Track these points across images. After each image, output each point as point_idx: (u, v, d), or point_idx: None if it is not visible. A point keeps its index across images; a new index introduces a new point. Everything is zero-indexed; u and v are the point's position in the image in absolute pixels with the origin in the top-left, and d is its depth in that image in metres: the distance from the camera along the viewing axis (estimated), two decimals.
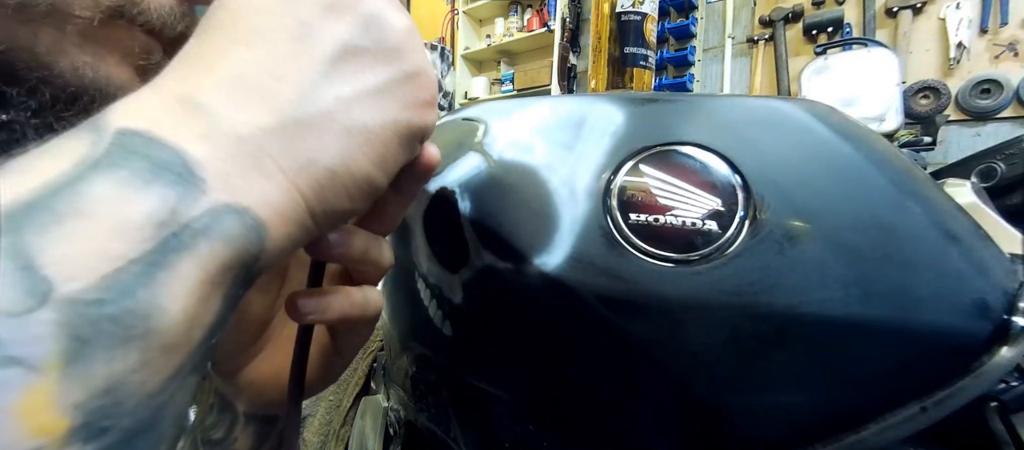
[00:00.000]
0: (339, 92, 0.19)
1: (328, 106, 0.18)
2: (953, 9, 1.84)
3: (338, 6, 0.19)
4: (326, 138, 0.18)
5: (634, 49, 2.04)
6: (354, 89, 0.19)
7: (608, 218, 0.27)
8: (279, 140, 0.17)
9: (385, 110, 0.20)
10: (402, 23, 0.21)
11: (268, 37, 0.18)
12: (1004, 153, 0.70)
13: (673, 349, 0.26)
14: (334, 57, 0.19)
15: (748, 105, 0.30)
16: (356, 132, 0.19)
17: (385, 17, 0.20)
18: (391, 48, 0.20)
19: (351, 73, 0.19)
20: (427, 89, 0.21)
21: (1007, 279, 0.27)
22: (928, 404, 0.25)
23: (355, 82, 0.19)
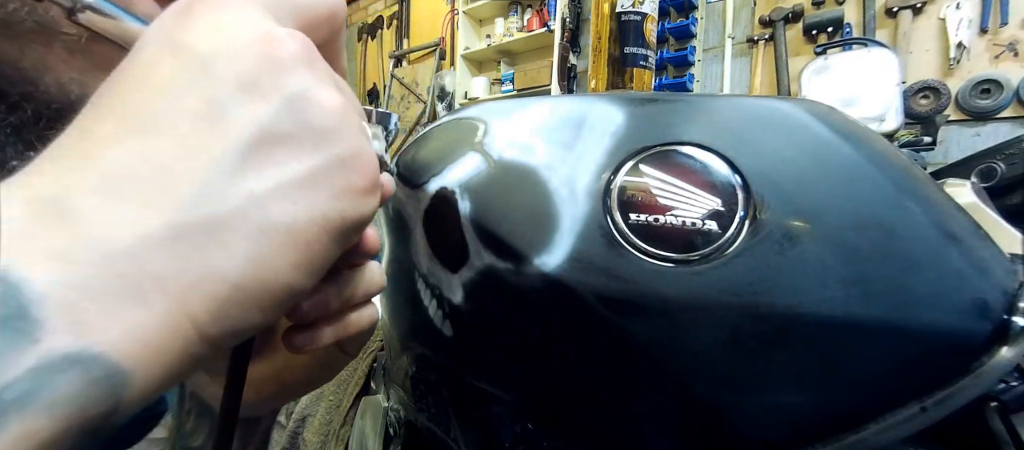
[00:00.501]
0: (253, 187, 0.16)
1: (238, 204, 0.15)
2: (953, 9, 1.83)
3: (256, 85, 0.16)
4: (232, 243, 0.15)
5: (634, 49, 2.04)
6: (272, 182, 0.16)
7: (608, 218, 0.27)
8: (166, 252, 0.14)
9: (312, 204, 0.17)
10: (332, 102, 0.18)
11: (169, 122, 0.15)
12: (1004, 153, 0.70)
13: (673, 349, 0.26)
14: (248, 146, 0.16)
15: (748, 105, 0.30)
16: (272, 233, 0.16)
17: (312, 96, 0.17)
18: (319, 131, 0.17)
19: (269, 164, 0.16)
20: (364, 174, 0.18)
21: (1007, 279, 0.27)
22: (928, 404, 0.25)
23: (274, 174, 0.16)
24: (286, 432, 0.85)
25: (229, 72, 0.16)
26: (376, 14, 3.81)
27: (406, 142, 0.44)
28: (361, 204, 0.18)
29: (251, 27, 0.17)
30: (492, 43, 3.13)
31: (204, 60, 0.16)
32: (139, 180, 0.14)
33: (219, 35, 0.16)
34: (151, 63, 0.16)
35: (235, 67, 0.16)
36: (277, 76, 0.16)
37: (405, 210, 0.37)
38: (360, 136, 0.19)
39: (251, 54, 0.16)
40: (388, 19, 3.75)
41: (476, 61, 3.35)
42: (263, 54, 0.16)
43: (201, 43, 0.16)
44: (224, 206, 0.15)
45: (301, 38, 0.18)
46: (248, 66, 0.16)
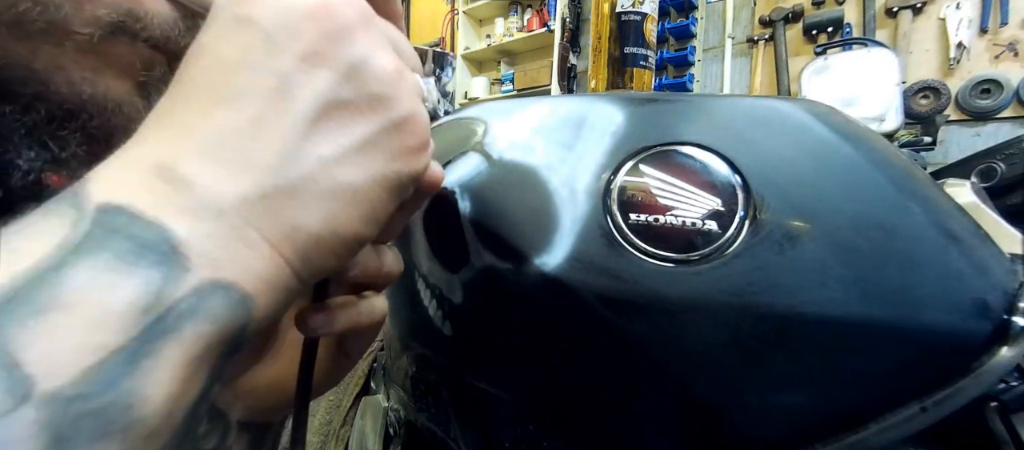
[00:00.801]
0: (321, 152, 0.18)
1: (310, 169, 0.17)
2: (953, 9, 1.84)
3: (317, 55, 0.18)
4: (310, 203, 0.17)
5: (634, 49, 2.04)
6: (337, 147, 0.18)
7: (608, 218, 0.27)
8: (262, 209, 0.17)
9: (372, 165, 0.19)
10: (388, 68, 0.19)
11: (246, 95, 0.17)
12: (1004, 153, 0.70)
13: (673, 349, 0.26)
14: (315, 114, 0.18)
15: (748, 105, 0.30)
16: (341, 193, 0.18)
17: (369, 64, 0.19)
18: (376, 97, 0.19)
19: (334, 130, 0.18)
20: (417, 134, 0.20)
21: (1007, 279, 0.27)
22: (928, 404, 0.25)
23: (338, 139, 0.18)
24: (287, 432, 0.85)
25: (291, 46, 0.17)
26: None
27: None
28: (415, 162, 0.20)
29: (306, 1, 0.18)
30: (492, 43, 3.14)
31: (268, 36, 0.17)
32: (230, 149, 0.16)
33: (279, 7, 0.17)
34: (223, 39, 0.17)
35: (297, 41, 0.17)
36: (335, 46, 0.18)
37: None
38: (413, 98, 0.20)
39: (310, 28, 0.18)
40: None
41: (476, 61, 3.35)
42: (321, 27, 0.18)
43: (264, 19, 0.17)
44: (298, 171, 0.17)
45: (356, 3, 0.19)
46: (308, 39, 0.17)
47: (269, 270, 0.17)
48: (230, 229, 0.16)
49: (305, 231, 0.17)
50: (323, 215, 0.18)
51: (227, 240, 0.16)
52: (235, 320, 0.16)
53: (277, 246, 0.17)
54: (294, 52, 0.17)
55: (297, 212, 0.17)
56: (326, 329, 0.23)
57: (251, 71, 0.17)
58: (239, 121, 0.17)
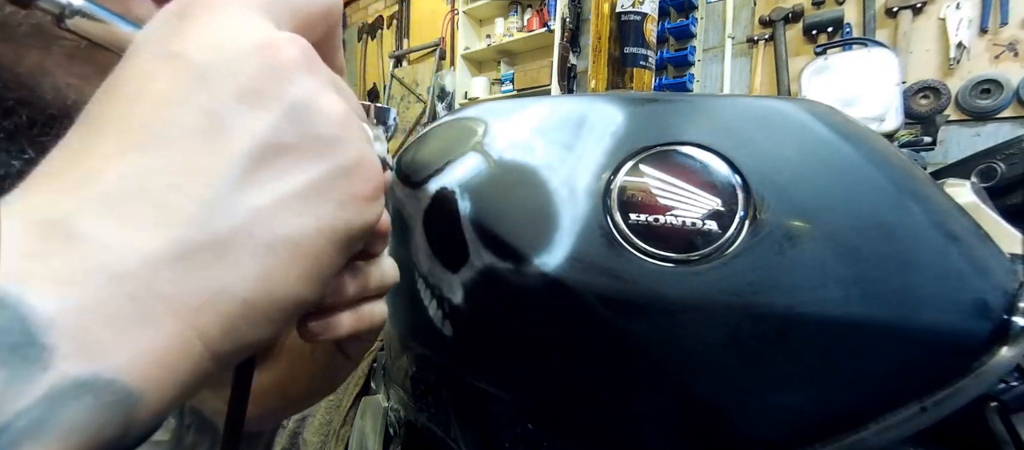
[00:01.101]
0: (257, 201, 0.15)
1: (243, 219, 0.15)
2: (953, 9, 1.83)
3: (257, 94, 0.16)
4: (240, 260, 0.15)
5: (634, 49, 2.04)
6: (277, 194, 0.16)
7: (608, 218, 0.27)
8: (174, 271, 0.14)
9: (316, 214, 0.16)
10: (336, 108, 0.17)
11: (168, 136, 0.14)
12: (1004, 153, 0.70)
13: (673, 349, 0.26)
14: (251, 159, 0.15)
15: (748, 105, 0.30)
16: (279, 247, 0.15)
17: (314, 103, 0.17)
18: (322, 139, 0.17)
19: (273, 176, 0.16)
20: (369, 180, 0.18)
21: (1007, 279, 0.27)
22: (928, 404, 0.25)
23: (278, 186, 0.16)
24: (286, 432, 0.85)
25: (228, 83, 0.15)
26: (376, 14, 3.81)
27: (406, 142, 0.44)
28: (366, 211, 0.18)
29: (249, 33, 0.16)
30: (492, 43, 3.13)
31: (202, 71, 0.15)
32: (142, 199, 0.14)
33: (216, 43, 0.16)
34: (147, 74, 0.15)
35: (234, 77, 0.15)
36: (277, 85, 0.16)
37: (405, 210, 0.37)
38: (363, 141, 0.18)
39: (250, 63, 0.16)
40: (388, 19, 3.75)
41: (476, 61, 3.35)
42: (262, 62, 0.16)
43: (198, 52, 0.15)
44: (229, 223, 0.15)
45: (301, 42, 0.17)
46: (247, 76, 0.16)
47: (170, 353, 0.14)
48: (124, 301, 0.13)
49: (231, 295, 0.15)
50: (255, 274, 0.15)
51: (115, 317, 0.13)
52: (108, 425, 0.13)
53: (189, 318, 0.14)
54: (230, 89, 0.15)
55: (223, 273, 0.14)
56: (327, 335, 0.22)
57: (177, 108, 0.15)
58: (157, 166, 0.14)
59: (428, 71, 3.45)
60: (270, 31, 0.17)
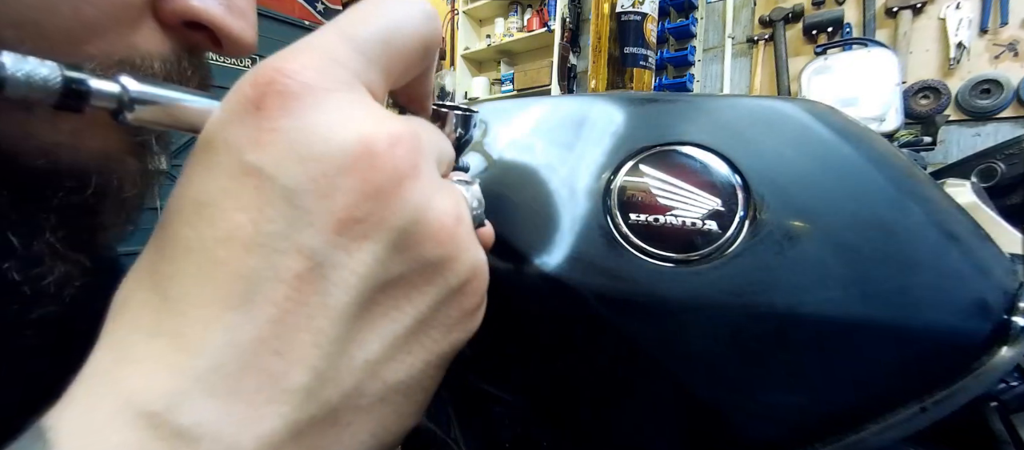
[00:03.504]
0: (366, 354, 0.14)
1: (355, 381, 0.13)
2: (953, 9, 1.84)
3: (358, 223, 0.13)
4: (354, 422, 0.14)
5: (634, 49, 2.04)
6: (385, 341, 0.14)
7: (608, 218, 0.27)
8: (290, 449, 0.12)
9: (426, 347, 0.15)
10: (446, 218, 0.15)
11: (263, 288, 0.12)
12: (1004, 153, 0.70)
13: (673, 349, 0.26)
14: (358, 306, 0.13)
15: (748, 105, 0.30)
16: (391, 396, 0.14)
17: (423, 222, 0.14)
18: (433, 264, 0.15)
19: (381, 320, 0.14)
20: (476, 291, 0.17)
21: (1007, 279, 0.27)
22: (928, 404, 0.25)
23: (386, 330, 0.14)
24: None
25: (323, 213, 0.13)
26: None
27: None
28: (471, 324, 0.17)
29: (342, 133, 0.13)
30: (492, 43, 3.14)
31: (291, 197, 0.13)
32: (246, 372, 0.12)
33: (303, 153, 0.13)
34: (227, 198, 0.13)
35: (329, 204, 0.13)
36: (381, 207, 0.13)
37: None
38: (472, 245, 0.16)
39: (347, 182, 0.13)
40: None
41: (476, 61, 3.35)
42: (361, 180, 0.13)
43: (283, 170, 0.13)
44: (341, 389, 0.13)
45: (407, 138, 0.14)
46: (345, 201, 0.13)
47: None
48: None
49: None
50: (370, 430, 0.14)
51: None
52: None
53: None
54: (326, 221, 0.13)
55: (338, 439, 0.13)
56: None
57: (268, 251, 0.12)
58: (255, 329, 0.12)
59: None
60: (366, 123, 0.14)
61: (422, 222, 0.14)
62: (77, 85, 0.13)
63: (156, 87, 0.15)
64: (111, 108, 0.14)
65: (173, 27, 0.20)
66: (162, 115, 0.15)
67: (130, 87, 0.14)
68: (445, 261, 0.15)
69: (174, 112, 0.15)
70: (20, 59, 0.13)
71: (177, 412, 0.11)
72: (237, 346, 0.12)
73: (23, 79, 0.13)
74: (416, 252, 0.14)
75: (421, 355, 0.15)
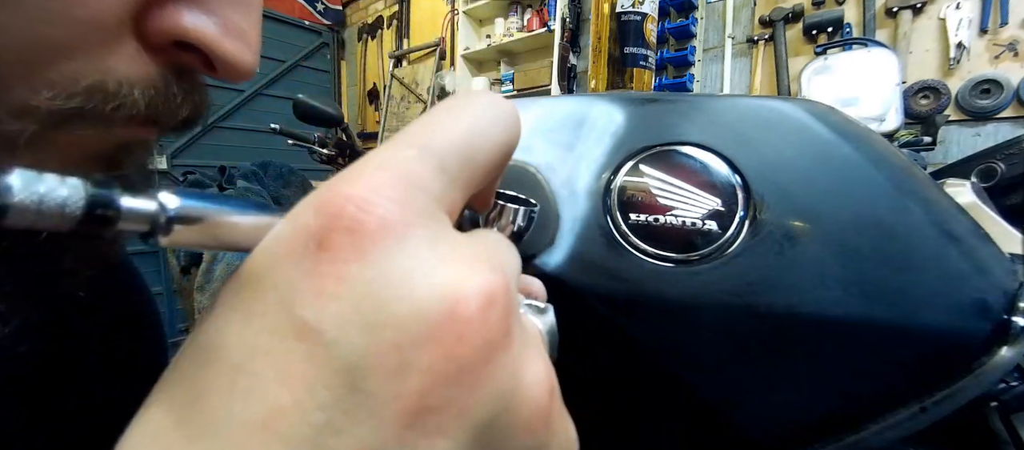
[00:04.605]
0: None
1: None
2: (953, 9, 1.83)
3: (433, 414, 0.10)
4: None
5: (634, 49, 2.04)
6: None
7: (608, 218, 0.27)
8: None
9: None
10: (541, 393, 0.12)
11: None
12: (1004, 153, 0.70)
13: (673, 349, 0.26)
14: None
15: (748, 105, 0.30)
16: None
17: (513, 405, 0.11)
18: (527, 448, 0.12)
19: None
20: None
21: (1007, 279, 0.27)
22: (928, 404, 0.25)
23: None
24: None
25: (391, 399, 0.10)
26: (376, 14, 3.81)
27: None
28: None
29: (425, 292, 0.10)
30: (492, 43, 3.13)
31: (352, 375, 0.10)
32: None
33: (375, 319, 0.10)
34: (269, 364, 0.10)
35: (401, 387, 0.10)
36: (465, 393, 0.10)
37: None
38: (564, 424, 0.14)
39: (427, 361, 0.10)
40: (388, 19, 3.75)
41: (476, 61, 3.35)
42: (445, 358, 0.10)
43: (345, 337, 0.10)
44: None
45: (501, 295, 0.11)
46: (419, 382, 0.10)
47: None
48: None
49: None
50: None
51: None
52: None
53: None
54: (394, 408, 0.10)
55: None
56: None
57: (317, 448, 0.09)
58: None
59: (428, 71, 3.45)
60: (454, 273, 0.11)
61: (513, 409, 0.11)
62: (104, 208, 0.11)
63: (199, 201, 0.12)
64: (143, 231, 0.12)
65: (159, 48, 0.17)
66: (204, 235, 0.12)
67: (169, 205, 0.12)
68: (538, 446, 0.12)
69: (218, 231, 0.12)
70: (34, 178, 0.10)
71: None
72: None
73: (32, 207, 0.10)
74: (505, 435, 0.11)
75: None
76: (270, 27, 3.24)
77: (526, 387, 0.12)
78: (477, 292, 0.11)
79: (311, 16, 3.65)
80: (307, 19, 3.60)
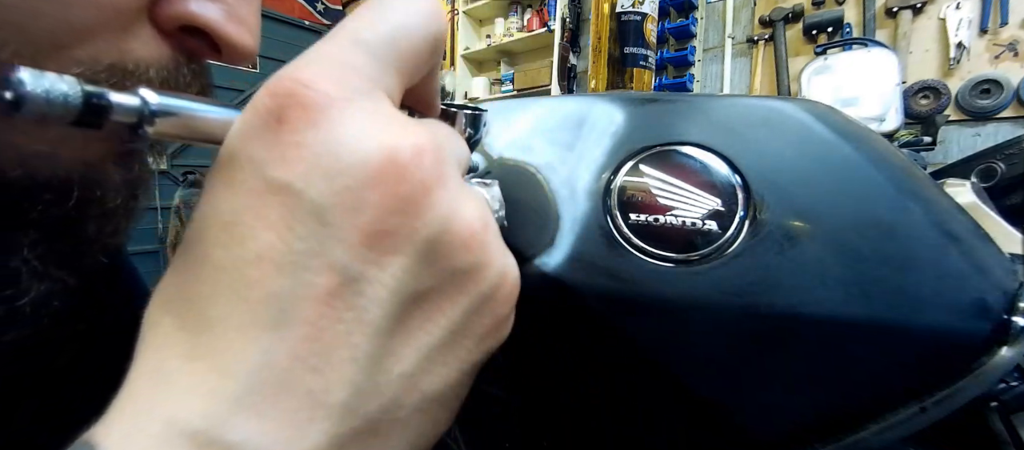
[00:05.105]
0: (402, 367, 0.14)
1: (393, 394, 0.13)
2: (953, 9, 1.84)
3: (387, 235, 0.13)
4: (393, 432, 0.14)
5: (634, 49, 2.05)
6: (420, 354, 0.14)
7: (608, 218, 0.27)
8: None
9: (459, 357, 0.15)
10: (473, 224, 0.15)
11: (296, 306, 0.12)
12: (1004, 153, 0.70)
13: (673, 349, 0.26)
14: (391, 320, 0.13)
15: (748, 105, 0.30)
16: (428, 406, 0.14)
17: (451, 231, 0.14)
18: (462, 271, 0.15)
19: (414, 333, 0.14)
20: (507, 298, 0.17)
21: (1007, 279, 0.27)
22: (928, 404, 0.25)
23: (420, 342, 0.14)
24: None
25: (351, 227, 0.13)
26: None
27: None
28: (503, 330, 0.17)
29: (364, 144, 0.13)
30: (492, 43, 3.14)
31: (319, 212, 0.12)
32: (285, 390, 0.12)
33: (328, 167, 0.13)
34: (254, 216, 0.12)
35: (357, 218, 0.13)
36: (408, 218, 0.13)
37: None
38: (500, 250, 0.16)
39: (374, 195, 0.13)
40: None
41: (476, 61, 3.35)
42: (388, 192, 0.13)
43: (308, 184, 0.12)
44: (379, 402, 0.13)
45: (430, 147, 0.14)
46: (373, 213, 0.13)
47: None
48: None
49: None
50: (408, 439, 0.14)
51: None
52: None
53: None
54: (355, 236, 0.13)
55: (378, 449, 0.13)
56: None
57: (300, 269, 0.12)
58: (292, 348, 0.12)
59: None
60: (389, 133, 0.13)
61: (451, 231, 0.14)
62: (97, 100, 0.13)
63: (176, 99, 0.15)
64: (131, 122, 0.14)
65: (170, 32, 0.19)
66: (182, 128, 0.15)
67: (150, 100, 0.14)
68: (475, 269, 0.15)
69: (194, 124, 0.15)
70: (38, 75, 0.12)
71: (219, 428, 0.12)
72: (275, 367, 0.12)
73: (42, 97, 0.12)
74: (446, 262, 0.14)
75: (455, 365, 0.15)
76: (270, 27, 3.24)
77: (461, 218, 0.14)
78: (410, 144, 0.14)
79: (311, 16, 3.65)
80: (307, 19, 3.60)
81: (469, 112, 0.22)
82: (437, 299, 0.14)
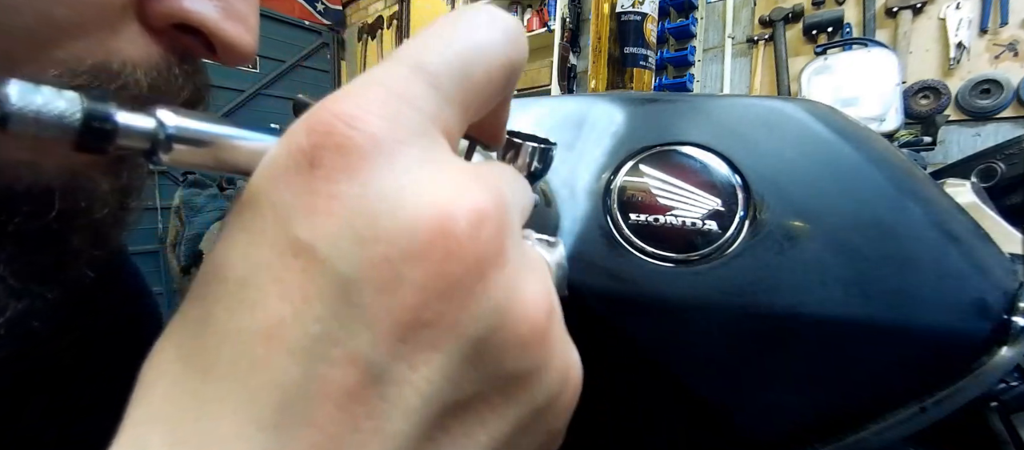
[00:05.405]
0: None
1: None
2: (953, 9, 1.83)
3: (425, 327, 0.10)
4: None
5: (634, 49, 2.04)
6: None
7: (608, 218, 0.27)
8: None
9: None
10: (537, 314, 0.12)
11: (305, 407, 0.10)
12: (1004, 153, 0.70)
13: (673, 349, 0.26)
14: (421, 430, 0.10)
15: (748, 105, 0.30)
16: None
17: (506, 323, 0.11)
18: (515, 378, 0.12)
19: (447, 448, 0.11)
20: (565, 410, 0.14)
21: (1007, 279, 0.27)
22: (928, 404, 0.25)
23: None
24: None
25: (384, 313, 0.10)
26: (376, 14, 3.81)
27: None
28: (555, 445, 0.14)
29: (415, 208, 0.10)
30: None
31: (346, 290, 0.10)
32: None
33: (365, 234, 0.10)
34: (270, 280, 0.10)
35: (392, 301, 0.10)
36: (456, 309, 0.10)
37: None
38: (563, 347, 0.14)
39: (417, 276, 0.10)
40: (388, 19, 3.75)
41: None
42: (435, 274, 0.10)
43: (338, 253, 0.10)
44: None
45: (493, 214, 0.11)
46: (411, 297, 0.10)
47: None
48: None
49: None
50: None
51: None
52: None
53: None
54: (386, 321, 0.10)
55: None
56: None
57: (314, 357, 0.10)
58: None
59: None
60: (444, 191, 0.11)
61: (506, 327, 0.11)
62: (101, 122, 0.11)
63: (198, 121, 0.12)
64: (143, 148, 0.12)
65: (161, 31, 0.18)
66: (205, 156, 0.12)
67: (168, 122, 0.12)
68: (531, 373, 0.12)
69: (219, 153, 0.12)
70: (31, 89, 0.10)
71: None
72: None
73: (31, 116, 0.10)
74: (496, 366, 0.11)
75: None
76: (270, 27, 3.24)
77: (521, 306, 0.11)
78: (466, 210, 0.11)
79: (311, 16, 3.65)
80: (307, 19, 3.60)
81: (539, 146, 0.19)
82: (479, 410, 0.11)
